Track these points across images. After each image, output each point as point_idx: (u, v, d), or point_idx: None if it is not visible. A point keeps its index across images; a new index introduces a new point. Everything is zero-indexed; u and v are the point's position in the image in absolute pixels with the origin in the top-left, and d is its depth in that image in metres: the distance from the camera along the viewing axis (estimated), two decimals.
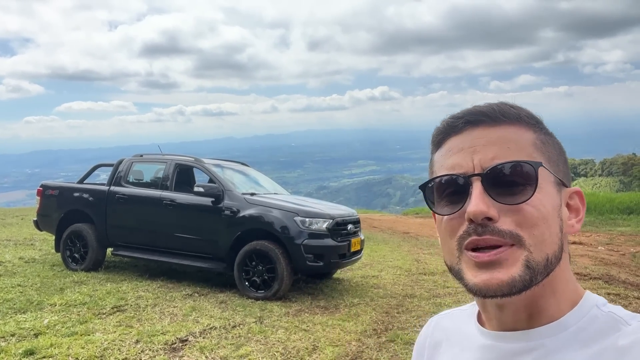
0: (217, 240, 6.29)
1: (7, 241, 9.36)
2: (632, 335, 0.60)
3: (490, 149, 0.65)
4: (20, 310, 5.00)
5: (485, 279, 0.62)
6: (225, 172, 7.02)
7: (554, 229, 0.64)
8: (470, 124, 0.68)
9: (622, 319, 0.63)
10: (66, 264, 7.18)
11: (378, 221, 15.54)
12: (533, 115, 0.70)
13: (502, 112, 0.67)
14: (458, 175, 0.66)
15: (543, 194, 0.64)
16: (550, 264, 0.63)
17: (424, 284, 6.86)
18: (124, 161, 7.43)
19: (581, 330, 0.64)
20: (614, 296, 6.00)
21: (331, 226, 6.04)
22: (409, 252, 9.69)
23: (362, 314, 5.39)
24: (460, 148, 0.68)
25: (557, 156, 0.69)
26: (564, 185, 0.69)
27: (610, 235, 11.37)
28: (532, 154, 0.66)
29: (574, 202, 0.70)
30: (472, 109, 0.69)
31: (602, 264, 8.09)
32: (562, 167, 0.70)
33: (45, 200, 7.61)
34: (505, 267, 0.62)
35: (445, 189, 0.68)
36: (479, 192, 0.63)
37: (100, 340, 4.20)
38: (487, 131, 0.67)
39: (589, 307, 0.66)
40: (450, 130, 0.70)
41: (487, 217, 0.62)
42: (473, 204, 0.62)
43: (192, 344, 4.27)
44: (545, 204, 0.64)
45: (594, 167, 57.49)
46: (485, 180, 0.64)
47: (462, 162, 0.66)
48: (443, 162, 0.69)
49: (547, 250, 0.63)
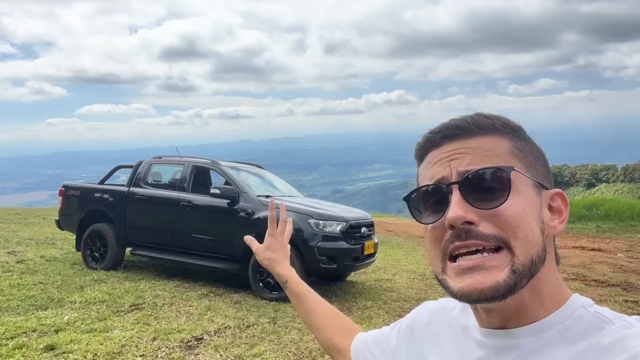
0: (232, 241, 6.38)
1: (29, 240, 9.61)
2: (615, 334, 0.61)
3: (466, 158, 0.68)
4: (41, 307, 5.15)
5: (469, 284, 0.64)
6: (241, 175, 7.11)
7: (535, 231, 0.66)
8: (447, 138, 0.71)
9: (607, 319, 0.64)
10: (86, 262, 7.34)
11: (393, 225, 15.50)
12: (509, 124, 0.71)
13: (477, 124, 0.70)
14: (437, 184, 0.69)
15: (521, 197, 0.66)
16: (534, 266, 0.65)
17: (437, 288, 6.83)
18: (143, 163, 7.58)
19: (566, 330, 0.65)
20: (631, 303, 5.91)
21: (345, 229, 6.07)
22: (423, 256, 9.65)
23: (375, 317, 5.41)
24: (439, 159, 0.70)
25: (535, 160, 0.71)
26: (543, 187, 0.70)
27: (630, 242, 11.14)
28: (509, 160, 0.68)
29: (556, 204, 0.71)
30: (448, 123, 0.72)
31: (621, 271, 7.95)
32: (541, 170, 0.71)
33: (67, 201, 7.80)
34: (490, 272, 0.63)
35: (427, 198, 0.71)
36: (457, 198, 0.66)
37: (118, 337, 4.31)
38: (463, 142, 0.69)
39: (574, 307, 0.67)
40: (429, 145, 0.73)
41: (467, 221, 0.64)
42: (452, 210, 0.65)
43: (207, 342, 4.35)
44: (524, 207, 0.65)
45: (616, 173, 56.29)
46: (463, 187, 0.66)
47: (441, 171, 0.69)
48: (425, 174, 0.73)
49: (532, 251, 0.64)
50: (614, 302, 5.97)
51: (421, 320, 0.88)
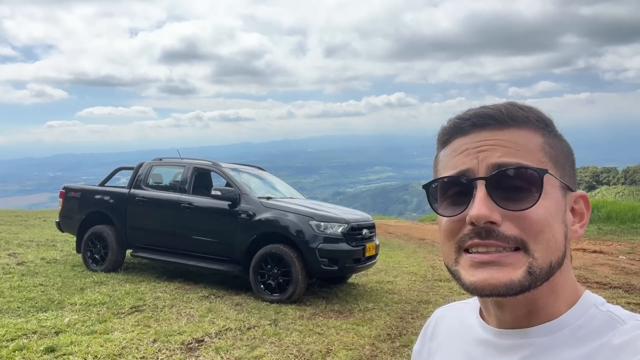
0: (233, 243, 6.36)
1: (29, 242, 9.60)
2: (627, 334, 0.60)
3: (496, 151, 0.64)
4: (41, 309, 5.13)
5: (483, 278, 0.62)
6: (242, 176, 7.10)
7: (559, 236, 0.64)
8: (476, 127, 0.66)
9: (620, 318, 0.63)
10: (87, 264, 7.33)
11: (394, 227, 15.48)
12: (543, 117, 0.68)
13: (510, 115, 0.66)
14: (462, 177, 0.65)
15: (548, 200, 0.63)
16: (552, 270, 0.63)
17: (439, 290, 6.82)
18: (144, 165, 7.58)
19: (578, 329, 0.64)
20: (634, 305, 5.89)
21: (346, 230, 6.06)
22: (424, 259, 9.64)
23: (377, 318, 5.39)
24: (465, 149, 0.66)
25: (565, 160, 0.68)
26: (569, 189, 0.67)
27: (632, 245, 11.12)
28: (541, 158, 0.65)
29: (578, 207, 0.69)
30: (479, 110, 0.67)
31: (623, 273, 7.93)
32: (569, 170, 0.68)
33: (68, 203, 7.80)
34: (506, 269, 0.61)
35: (448, 189, 0.67)
36: (482, 195, 0.62)
37: (118, 339, 4.29)
38: (494, 134, 0.65)
39: (587, 306, 0.66)
40: (456, 131, 0.69)
41: (490, 221, 0.61)
42: (476, 208, 0.62)
43: (208, 344, 4.33)
44: (550, 210, 0.63)
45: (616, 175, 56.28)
46: (490, 183, 0.63)
47: (467, 163, 0.65)
48: (447, 162, 0.68)
49: (552, 257, 0.63)
50: (616, 304, 5.90)
51: (428, 327, 0.88)
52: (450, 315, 0.84)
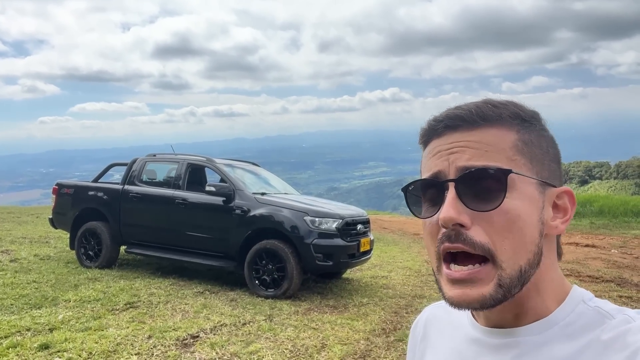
0: (227, 239, 6.36)
1: (22, 239, 9.54)
2: (615, 329, 0.60)
3: (466, 153, 0.65)
4: (35, 306, 5.11)
5: (458, 295, 0.63)
6: (236, 172, 7.09)
7: (530, 236, 0.64)
8: (449, 128, 0.67)
9: (608, 313, 0.63)
10: (80, 261, 7.30)
11: (388, 222, 15.53)
12: (519, 113, 0.67)
13: (481, 114, 0.66)
14: (434, 179, 0.66)
15: (519, 199, 0.63)
16: (524, 274, 0.63)
17: (433, 285, 6.85)
18: (138, 160, 7.54)
19: (567, 326, 0.64)
20: (626, 299, 5.96)
21: (341, 226, 6.07)
22: (419, 253, 9.68)
23: (371, 313, 5.42)
24: (438, 151, 0.68)
25: (543, 155, 0.67)
26: (549, 185, 0.67)
27: (623, 238, 11.23)
28: (512, 156, 0.64)
29: (562, 202, 0.69)
30: (451, 112, 0.68)
31: (615, 267, 8.01)
32: (549, 165, 0.68)
33: (61, 199, 7.75)
34: (477, 285, 0.62)
35: (424, 191, 0.68)
36: (451, 197, 0.63)
37: (113, 336, 4.29)
38: (464, 135, 0.66)
39: (575, 302, 0.66)
40: (431, 133, 0.70)
41: (459, 223, 0.62)
42: (444, 210, 0.63)
43: (203, 340, 4.33)
44: (519, 211, 0.63)
45: (609, 170, 56.69)
46: (459, 185, 0.64)
47: (439, 165, 0.66)
48: (425, 164, 0.70)
49: (520, 261, 0.63)
50: (608, 297, 6.01)
51: (419, 327, 0.88)
52: (440, 314, 0.84)
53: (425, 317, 0.87)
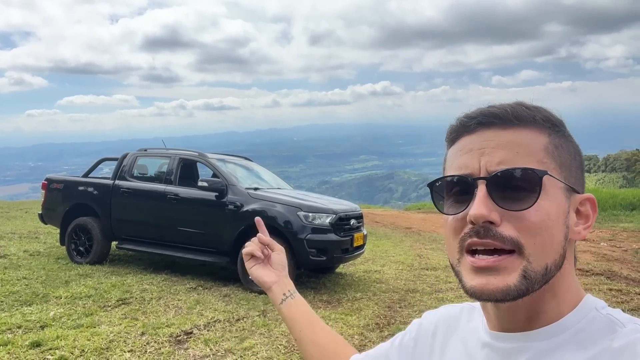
0: (220, 234, 6.33)
1: (11, 234, 9.43)
2: (626, 337, 0.61)
3: (498, 152, 0.65)
4: (26, 303, 5.06)
5: (481, 284, 0.63)
6: (229, 167, 7.05)
7: (557, 237, 0.64)
8: (482, 125, 0.67)
9: (619, 321, 0.63)
10: (71, 257, 7.23)
11: (380, 216, 15.57)
12: (550, 118, 0.68)
13: (515, 114, 0.66)
14: (464, 176, 0.66)
15: (549, 201, 0.64)
16: (549, 273, 0.63)
17: (426, 279, 6.89)
18: (129, 155, 7.47)
19: (579, 332, 0.64)
20: (615, 292, 6.03)
21: (334, 221, 6.06)
22: (411, 247, 9.72)
23: (365, 308, 5.43)
24: (470, 149, 0.68)
25: (571, 161, 0.68)
26: (574, 191, 0.68)
27: (612, 232, 11.37)
28: (543, 159, 0.65)
29: (584, 209, 0.69)
30: (485, 109, 0.68)
31: (605, 260, 8.11)
32: (575, 172, 0.68)
33: (50, 194, 7.66)
34: (502, 274, 0.62)
35: (451, 189, 0.68)
36: (482, 195, 0.64)
37: (106, 333, 4.25)
38: (498, 133, 0.66)
39: (587, 309, 0.66)
40: (462, 130, 0.70)
41: (489, 220, 0.63)
42: (475, 207, 0.63)
43: (197, 336, 4.32)
44: (549, 212, 0.63)
45: (597, 163, 57.29)
46: (490, 184, 0.64)
47: (470, 163, 0.66)
48: (453, 161, 0.70)
49: (547, 259, 0.63)
50: (599, 290, 6.08)
51: (427, 332, 0.85)
52: (454, 317, 0.83)
53: (438, 316, 0.86)
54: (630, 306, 5.41)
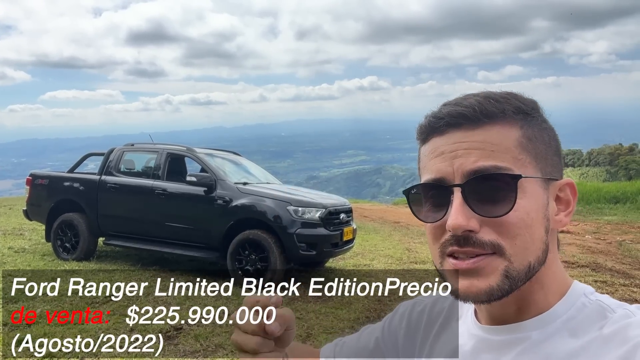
0: (209, 229, 6.29)
1: None
2: (616, 323, 0.61)
3: (471, 155, 0.63)
4: (12, 300, 4.97)
5: (465, 286, 0.63)
6: (217, 162, 7.00)
7: (538, 234, 0.64)
8: (451, 127, 0.65)
9: (609, 307, 0.64)
10: (57, 253, 7.13)
11: (369, 211, 15.62)
12: (520, 107, 0.66)
13: (484, 111, 0.64)
14: (438, 182, 0.65)
15: (526, 199, 0.63)
16: (532, 270, 0.63)
17: (415, 272, 6.92)
18: (115, 150, 7.38)
19: (569, 320, 0.64)
20: (600, 283, 6.13)
21: (324, 215, 6.07)
22: (400, 242, 9.77)
23: (355, 302, 5.45)
24: (442, 152, 0.65)
25: (546, 150, 0.66)
26: (552, 179, 0.67)
27: (597, 224, 11.55)
28: (518, 155, 0.63)
29: (564, 194, 0.68)
30: (453, 110, 0.65)
31: (590, 252, 8.24)
32: (551, 159, 0.67)
33: (35, 190, 7.54)
34: (484, 275, 0.62)
35: (428, 194, 0.67)
36: (458, 203, 0.62)
37: (94, 329, 4.20)
38: (468, 134, 0.64)
39: (576, 296, 0.66)
40: (432, 130, 0.68)
41: (468, 229, 0.62)
42: (452, 217, 0.62)
43: (187, 332, 4.29)
44: (528, 210, 0.62)
45: (581, 157, 58.14)
46: (465, 190, 0.62)
47: (442, 167, 0.65)
48: (427, 163, 0.68)
49: (530, 257, 0.63)
50: (584, 282, 6.14)
51: (418, 323, 0.86)
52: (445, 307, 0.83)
53: (430, 304, 0.86)
54: (615, 297, 5.43)
